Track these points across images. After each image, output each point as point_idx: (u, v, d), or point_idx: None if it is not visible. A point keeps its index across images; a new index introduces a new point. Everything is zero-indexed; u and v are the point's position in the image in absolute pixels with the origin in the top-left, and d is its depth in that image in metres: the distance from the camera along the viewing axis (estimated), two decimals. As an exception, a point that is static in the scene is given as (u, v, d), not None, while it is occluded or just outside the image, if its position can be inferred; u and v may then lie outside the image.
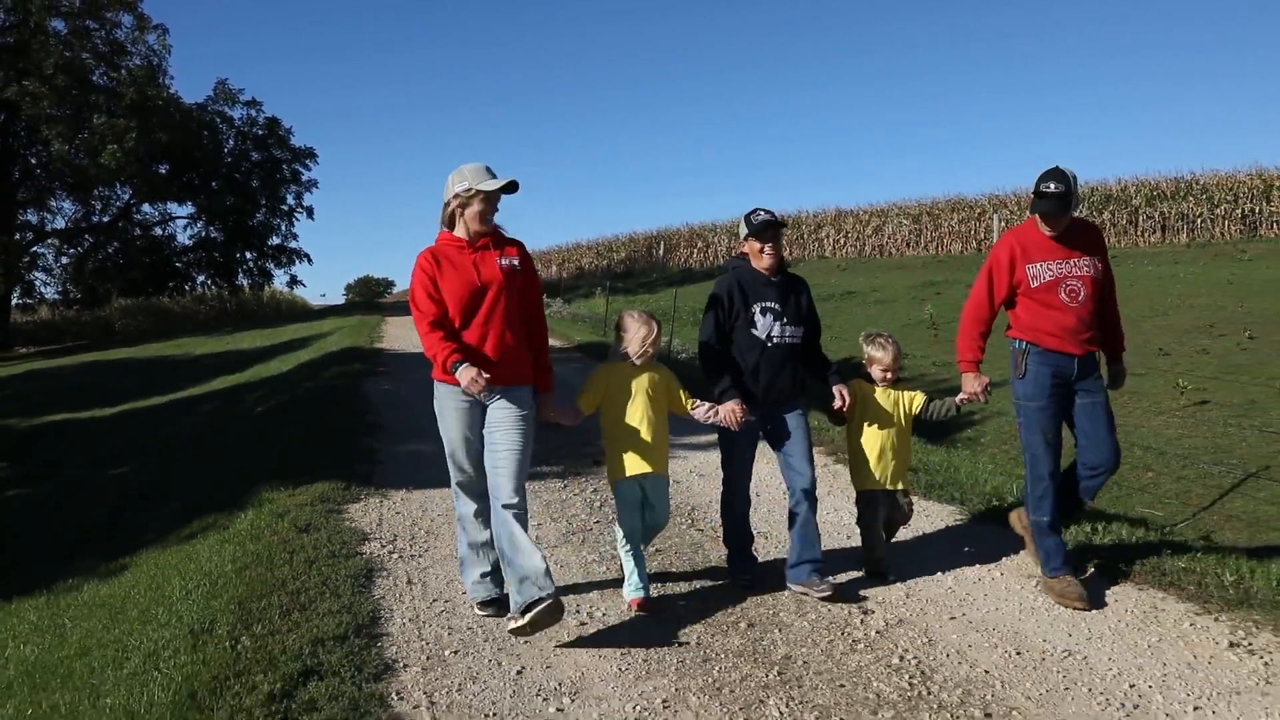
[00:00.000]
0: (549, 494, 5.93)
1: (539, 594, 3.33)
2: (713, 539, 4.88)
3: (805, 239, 33.28)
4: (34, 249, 33.29)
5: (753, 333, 4.08)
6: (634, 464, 3.87)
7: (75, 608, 5.12)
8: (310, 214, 38.51)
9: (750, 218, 4.14)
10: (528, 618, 3.33)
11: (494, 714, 3.05)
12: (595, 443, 6.97)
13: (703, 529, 5.10)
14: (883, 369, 4.35)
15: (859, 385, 4.33)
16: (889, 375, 4.35)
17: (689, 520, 5.24)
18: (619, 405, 3.92)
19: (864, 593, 4.10)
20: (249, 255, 38.89)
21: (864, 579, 4.26)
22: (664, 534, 4.78)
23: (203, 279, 38.83)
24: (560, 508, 5.62)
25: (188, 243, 38.08)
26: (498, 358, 3.61)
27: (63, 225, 33.55)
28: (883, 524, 4.38)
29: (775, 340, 4.09)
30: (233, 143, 36.68)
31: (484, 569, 3.89)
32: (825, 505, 5.27)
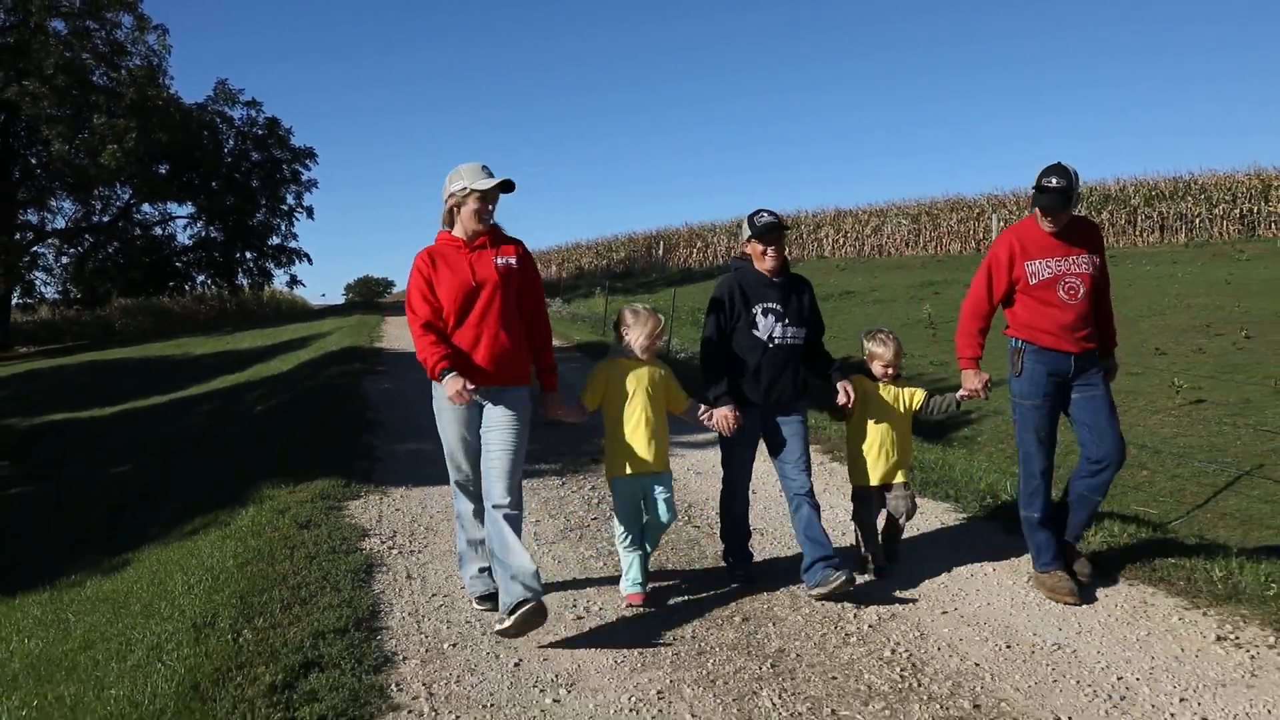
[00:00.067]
0: (547, 491, 5.98)
1: (524, 595, 3.36)
2: (709, 535, 4.93)
3: (804, 239, 33.35)
4: (34, 249, 33.31)
5: (754, 334, 4.07)
6: (633, 462, 3.91)
7: (78, 603, 5.18)
8: (310, 214, 38.60)
9: (754, 219, 4.10)
10: (512, 619, 3.36)
11: (492, 705, 3.11)
12: (593, 440, 7.02)
13: (699, 525, 5.15)
14: (884, 364, 4.34)
15: (860, 381, 4.32)
16: (890, 371, 4.34)
17: (686, 517, 5.29)
18: (619, 402, 3.94)
19: (858, 588, 4.14)
20: (249, 255, 38.94)
21: (858, 574, 4.30)
22: (661, 531, 4.82)
23: (203, 279, 38.88)
24: (558, 504, 5.67)
25: (188, 242, 38.16)
26: (492, 357, 3.62)
27: (63, 225, 33.62)
28: (886, 522, 4.41)
29: (777, 341, 4.08)
30: (233, 143, 36.72)
31: (482, 564, 3.94)
32: (822, 503, 5.30)
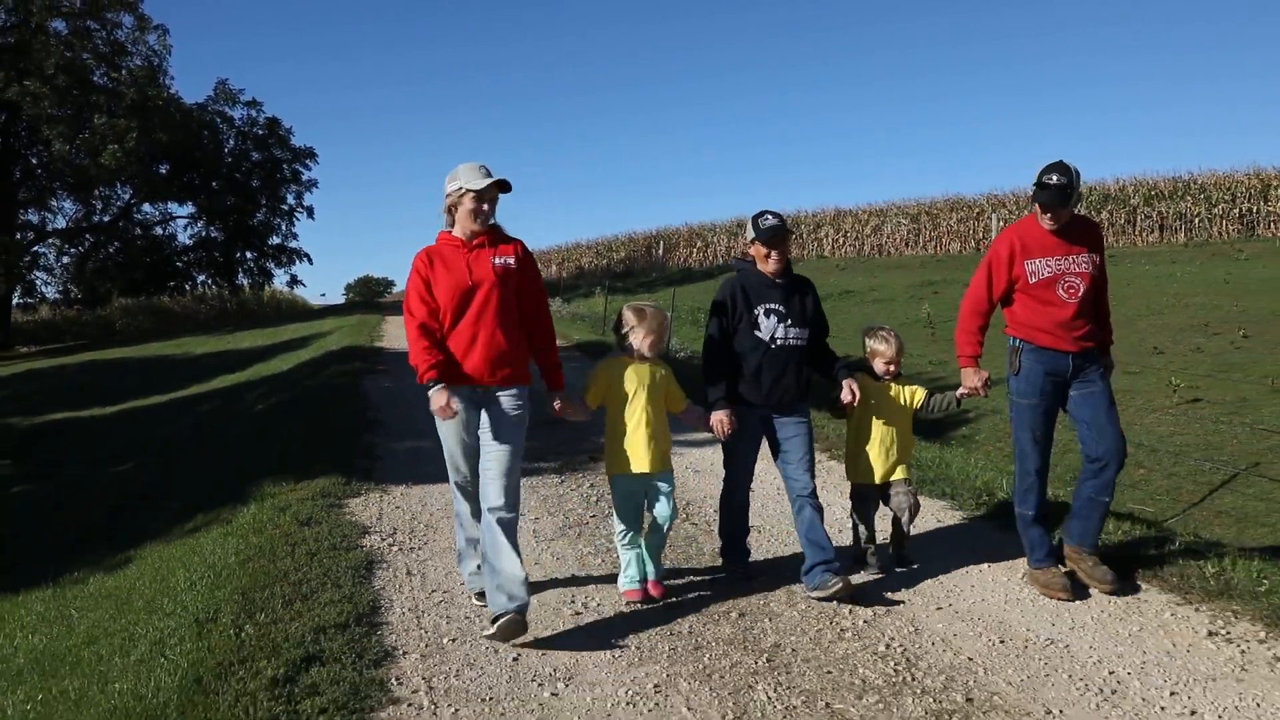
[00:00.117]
0: (546, 489, 6.02)
1: (505, 608, 3.46)
2: (706, 532, 4.96)
3: (804, 239, 33.39)
4: (35, 249, 33.42)
5: (756, 334, 4.07)
6: (634, 461, 3.93)
7: (82, 599, 5.22)
8: (310, 214, 38.75)
9: (758, 221, 4.07)
10: (495, 629, 3.48)
11: (491, 698, 3.14)
12: (592, 438, 7.06)
13: (696, 523, 5.19)
14: (886, 361, 4.35)
15: (861, 379, 4.30)
16: (892, 368, 4.35)
17: (684, 514, 5.32)
18: (621, 401, 3.97)
19: (854, 584, 4.17)
20: (249, 255, 39.07)
21: (855, 571, 4.33)
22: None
23: (203, 279, 39.01)
24: (557, 502, 5.71)
25: (188, 242, 38.31)
26: (489, 358, 3.62)
27: (63, 225, 33.74)
28: (893, 527, 4.42)
29: (779, 342, 4.08)
30: (233, 143, 36.83)
31: (481, 561, 3.97)
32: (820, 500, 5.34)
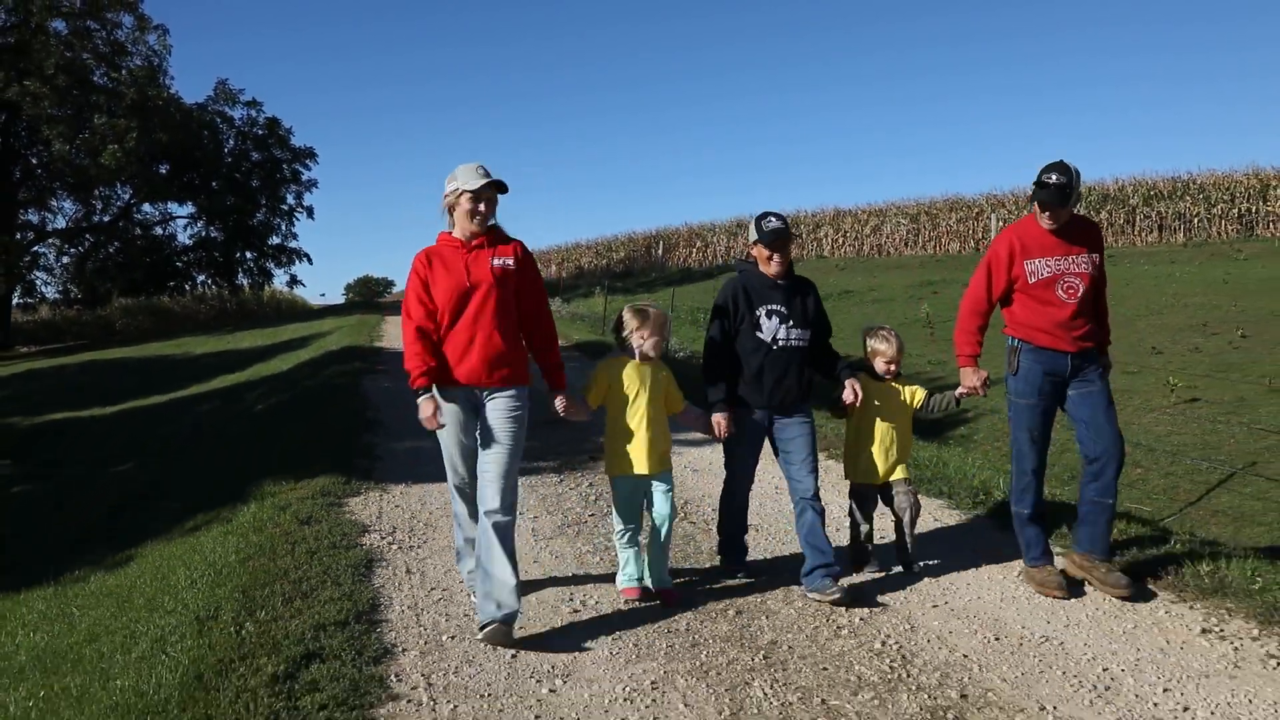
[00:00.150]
0: (545, 488, 6.04)
1: (492, 616, 3.50)
2: (704, 531, 4.99)
3: (804, 238, 33.42)
4: (35, 249, 33.43)
5: (758, 335, 4.08)
6: (635, 461, 3.95)
7: (83, 597, 5.24)
8: (310, 214, 38.77)
9: (761, 223, 4.06)
10: (483, 634, 3.53)
11: (489, 695, 3.17)
12: (591, 438, 7.08)
13: (694, 522, 5.22)
14: (886, 361, 4.35)
15: (862, 379, 4.30)
16: (893, 368, 4.36)
17: (682, 513, 5.35)
18: (622, 401, 3.99)
19: (851, 583, 4.19)
20: (249, 255, 39.09)
21: (852, 570, 4.35)
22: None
23: (203, 279, 39.02)
24: (556, 501, 5.73)
25: (188, 242, 38.33)
26: (486, 359, 3.63)
27: (63, 225, 33.75)
28: (896, 530, 4.43)
29: (781, 343, 4.08)
30: (233, 143, 36.85)
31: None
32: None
